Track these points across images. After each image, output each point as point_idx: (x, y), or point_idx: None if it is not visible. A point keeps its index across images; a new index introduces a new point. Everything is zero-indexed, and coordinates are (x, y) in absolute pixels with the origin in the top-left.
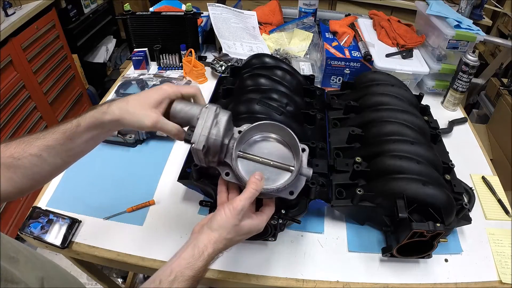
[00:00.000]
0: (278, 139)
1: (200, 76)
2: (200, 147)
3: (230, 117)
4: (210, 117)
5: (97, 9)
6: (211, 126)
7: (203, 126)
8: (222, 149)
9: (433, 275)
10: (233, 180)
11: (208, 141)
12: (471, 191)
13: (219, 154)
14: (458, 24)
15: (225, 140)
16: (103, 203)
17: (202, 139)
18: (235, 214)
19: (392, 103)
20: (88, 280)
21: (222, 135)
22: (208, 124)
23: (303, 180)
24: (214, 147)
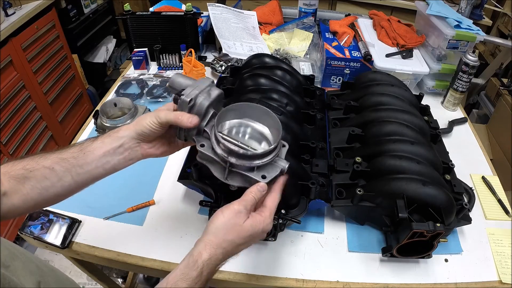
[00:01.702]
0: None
1: (200, 76)
2: (188, 99)
3: (222, 95)
4: (204, 84)
5: (97, 9)
6: (202, 90)
7: (196, 87)
8: (206, 115)
9: (433, 275)
10: (208, 152)
11: (196, 98)
12: (471, 191)
13: (201, 121)
14: (458, 24)
15: (211, 109)
16: (103, 203)
17: (192, 94)
18: (234, 214)
19: (392, 103)
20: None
21: (211, 100)
22: (202, 86)
23: (278, 169)
24: (200, 108)
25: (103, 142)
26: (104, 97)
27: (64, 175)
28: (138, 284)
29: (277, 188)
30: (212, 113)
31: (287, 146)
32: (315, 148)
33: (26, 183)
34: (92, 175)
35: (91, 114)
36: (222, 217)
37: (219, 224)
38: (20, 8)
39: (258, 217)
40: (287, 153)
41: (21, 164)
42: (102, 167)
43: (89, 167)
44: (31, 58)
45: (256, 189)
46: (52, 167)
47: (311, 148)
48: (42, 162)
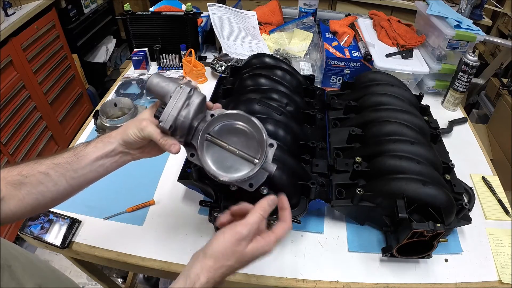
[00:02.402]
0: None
1: (200, 76)
2: (167, 127)
3: (204, 100)
4: (182, 98)
5: (97, 9)
6: (181, 107)
7: (174, 106)
8: (190, 131)
9: (433, 275)
10: (197, 162)
11: (176, 122)
12: (471, 191)
13: (186, 136)
14: (458, 24)
15: (194, 123)
16: (103, 203)
17: (170, 119)
18: (237, 240)
19: (392, 103)
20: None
21: (191, 117)
22: (179, 105)
23: (265, 175)
24: (182, 128)
25: (96, 146)
26: (104, 97)
27: (59, 179)
28: (138, 284)
29: (287, 217)
30: (196, 124)
31: (275, 146)
32: (315, 148)
33: (22, 189)
34: (86, 179)
35: (91, 114)
36: (223, 241)
37: (220, 248)
38: (20, 8)
39: (262, 242)
40: (287, 154)
41: (16, 170)
42: (95, 171)
43: (83, 171)
44: (31, 58)
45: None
46: (47, 172)
47: (311, 148)
48: (37, 168)
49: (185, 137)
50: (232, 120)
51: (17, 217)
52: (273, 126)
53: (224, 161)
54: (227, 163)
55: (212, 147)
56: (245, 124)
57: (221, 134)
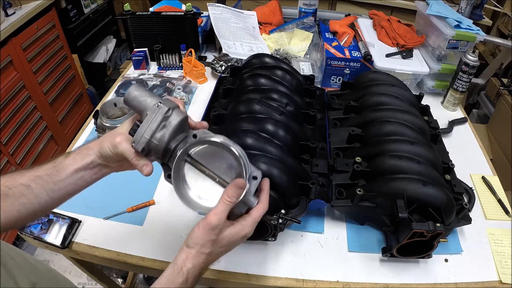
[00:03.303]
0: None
1: (200, 76)
2: (139, 149)
3: (184, 120)
4: (157, 118)
5: (97, 9)
6: (156, 128)
7: (148, 127)
8: (166, 153)
9: (433, 275)
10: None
11: (149, 145)
12: (471, 191)
13: (162, 158)
14: (458, 24)
15: (171, 145)
16: (103, 203)
17: (142, 141)
18: (208, 230)
19: (392, 103)
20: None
21: (167, 140)
22: (153, 126)
23: (245, 208)
24: (156, 150)
25: (75, 159)
26: (104, 97)
27: (39, 192)
28: (138, 284)
29: (264, 198)
30: (174, 146)
31: (258, 179)
32: (315, 148)
33: (6, 200)
34: (67, 191)
35: (91, 114)
36: (198, 232)
37: (197, 239)
38: (20, 8)
39: (238, 226)
40: (287, 154)
41: (2, 180)
42: (75, 183)
43: (62, 184)
44: (31, 58)
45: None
46: (28, 184)
47: (311, 148)
48: (19, 180)
49: (160, 158)
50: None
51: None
52: (273, 126)
53: (201, 187)
54: (205, 189)
55: (191, 169)
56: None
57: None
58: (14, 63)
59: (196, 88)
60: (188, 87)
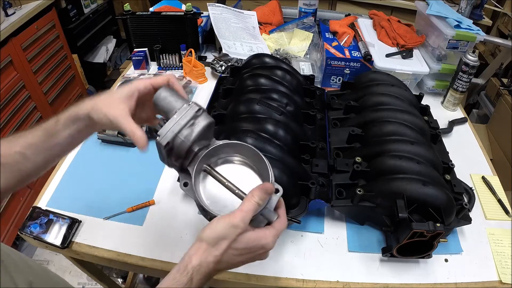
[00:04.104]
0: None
1: (200, 76)
2: (164, 143)
3: (211, 125)
4: (187, 115)
5: (97, 9)
6: (184, 125)
7: (176, 122)
8: (188, 155)
9: (433, 275)
10: (190, 194)
11: (174, 140)
12: (471, 191)
13: (183, 159)
14: (458, 24)
15: (194, 147)
16: (103, 203)
17: (169, 135)
18: (229, 226)
19: (392, 103)
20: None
21: (192, 139)
22: (182, 122)
23: (264, 222)
24: (179, 149)
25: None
26: None
27: (36, 157)
28: (138, 284)
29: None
30: (196, 150)
31: (280, 192)
32: (315, 148)
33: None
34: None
35: None
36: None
37: (212, 234)
38: (20, 8)
39: (260, 233)
40: (287, 154)
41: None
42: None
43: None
44: (31, 58)
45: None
46: (23, 152)
47: (311, 148)
48: (13, 148)
49: (181, 160)
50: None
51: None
52: (273, 126)
53: (218, 198)
54: (222, 200)
55: (209, 179)
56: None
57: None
58: (14, 63)
59: (196, 88)
60: (188, 87)
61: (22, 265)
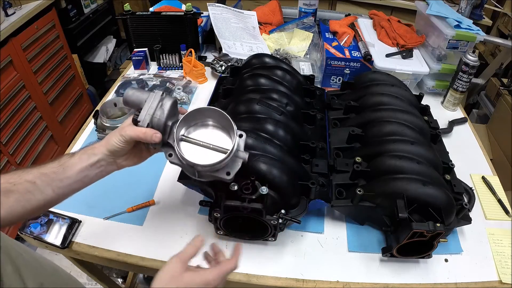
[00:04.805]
0: (220, 126)
1: (200, 76)
2: (145, 125)
3: (175, 103)
4: (156, 100)
5: (97, 9)
6: (156, 107)
7: (149, 107)
8: (166, 130)
9: (433, 275)
10: (175, 160)
11: (152, 120)
12: (471, 191)
13: (163, 135)
14: (458, 24)
15: (169, 122)
16: (103, 203)
17: (147, 118)
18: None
19: (392, 103)
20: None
21: (165, 116)
22: (153, 106)
23: (239, 162)
24: (158, 126)
25: (80, 158)
26: (104, 97)
27: (45, 189)
28: (138, 284)
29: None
30: (171, 124)
31: (244, 136)
32: (315, 148)
33: (10, 196)
34: (72, 188)
35: (91, 114)
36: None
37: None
38: (20, 8)
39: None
40: (287, 153)
41: (5, 178)
42: (80, 181)
43: (68, 181)
44: (31, 58)
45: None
46: (34, 181)
47: (311, 148)
48: (24, 177)
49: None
50: (203, 116)
51: (5, 224)
52: (273, 126)
53: (200, 156)
54: (202, 157)
55: (188, 145)
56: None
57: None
58: (14, 63)
59: (196, 88)
60: (188, 87)
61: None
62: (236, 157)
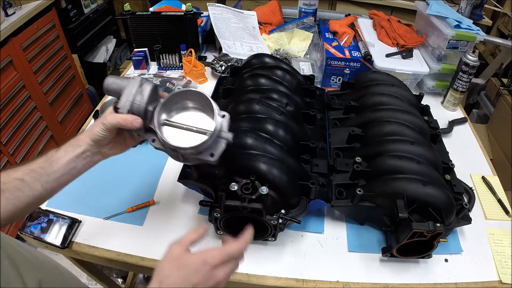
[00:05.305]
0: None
1: (200, 76)
2: (125, 111)
3: (155, 88)
4: (135, 86)
5: (97, 9)
6: (135, 93)
7: (129, 93)
8: (147, 115)
9: (433, 275)
10: (159, 145)
11: (132, 106)
12: (471, 191)
13: (144, 121)
14: (458, 24)
15: (149, 107)
16: (103, 203)
17: (127, 104)
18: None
19: (392, 103)
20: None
21: (145, 101)
22: (133, 92)
23: (223, 143)
24: (138, 112)
25: (66, 151)
26: (104, 97)
27: (34, 184)
28: (138, 284)
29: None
30: (152, 109)
31: (227, 116)
32: (315, 148)
33: (1, 195)
34: (60, 182)
35: (91, 114)
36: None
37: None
38: (20, 8)
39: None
40: (287, 153)
41: None
42: (68, 173)
43: (56, 175)
44: (31, 58)
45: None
46: (22, 178)
47: (311, 148)
48: (13, 175)
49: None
50: (184, 99)
51: None
52: (273, 126)
53: (183, 139)
54: (186, 139)
55: (170, 129)
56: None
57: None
58: (14, 63)
59: (196, 88)
60: (188, 87)
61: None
62: (219, 137)
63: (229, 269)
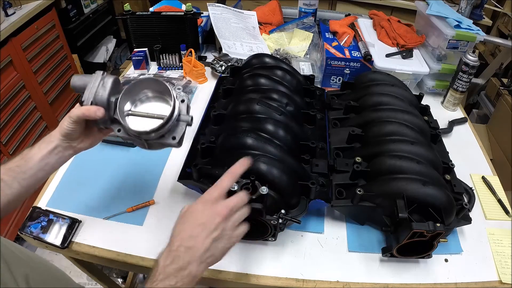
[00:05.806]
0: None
1: (200, 76)
2: (89, 103)
3: (117, 80)
4: (97, 80)
5: (97, 9)
6: (98, 86)
7: (92, 87)
8: (110, 106)
9: (433, 275)
10: (124, 134)
11: (95, 98)
12: (471, 191)
13: (108, 111)
14: (458, 24)
15: (112, 98)
16: (103, 203)
17: (90, 97)
18: None
19: (392, 103)
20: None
21: (107, 93)
22: (95, 85)
23: (183, 126)
24: (102, 103)
25: (39, 148)
26: None
27: (11, 183)
28: (138, 284)
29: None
30: (114, 100)
31: (186, 100)
32: (315, 148)
33: None
34: (36, 178)
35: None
36: None
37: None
38: (20, 8)
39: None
40: (287, 153)
41: None
42: (43, 170)
43: (31, 172)
44: (31, 58)
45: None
46: (1, 178)
47: (311, 148)
48: None
49: (107, 113)
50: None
51: None
52: (273, 126)
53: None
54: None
55: (135, 119)
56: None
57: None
58: (14, 63)
59: (196, 88)
60: (188, 87)
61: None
62: (179, 121)
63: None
